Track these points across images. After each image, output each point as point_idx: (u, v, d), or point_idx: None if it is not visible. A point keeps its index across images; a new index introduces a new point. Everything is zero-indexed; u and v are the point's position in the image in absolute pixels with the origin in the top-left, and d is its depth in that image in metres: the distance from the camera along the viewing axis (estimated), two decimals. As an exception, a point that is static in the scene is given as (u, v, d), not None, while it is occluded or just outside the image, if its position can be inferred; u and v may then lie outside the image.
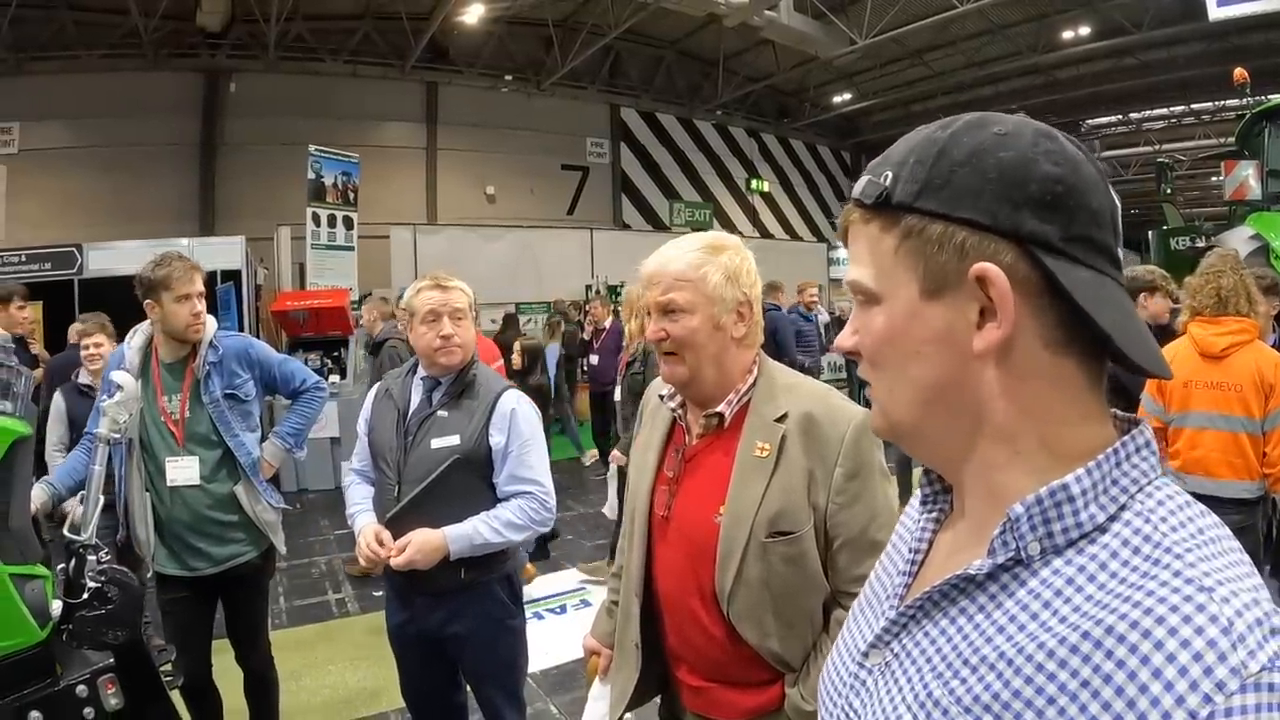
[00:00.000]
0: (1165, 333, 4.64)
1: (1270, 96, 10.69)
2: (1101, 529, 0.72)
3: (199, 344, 3.34)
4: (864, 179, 0.83)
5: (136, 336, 3.38)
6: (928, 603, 0.82)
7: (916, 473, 0.97)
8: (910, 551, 0.92)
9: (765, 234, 23.40)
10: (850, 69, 20.79)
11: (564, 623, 5.42)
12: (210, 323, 3.40)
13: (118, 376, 2.86)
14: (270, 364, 3.55)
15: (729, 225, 22.76)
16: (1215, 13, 11.75)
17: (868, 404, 0.98)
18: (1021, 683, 0.68)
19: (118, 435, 2.78)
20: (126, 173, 15.22)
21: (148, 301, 3.28)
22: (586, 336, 10.28)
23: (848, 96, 22.88)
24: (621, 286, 15.50)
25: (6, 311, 6.54)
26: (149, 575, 3.29)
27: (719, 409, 1.86)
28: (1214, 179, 23.08)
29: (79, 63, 15.10)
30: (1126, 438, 0.76)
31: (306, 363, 9.23)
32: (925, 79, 21.00)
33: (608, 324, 9.83)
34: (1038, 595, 0.72)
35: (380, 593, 5.29)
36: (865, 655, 0.89)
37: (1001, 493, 0.78)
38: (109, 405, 2.73)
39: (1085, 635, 0.66)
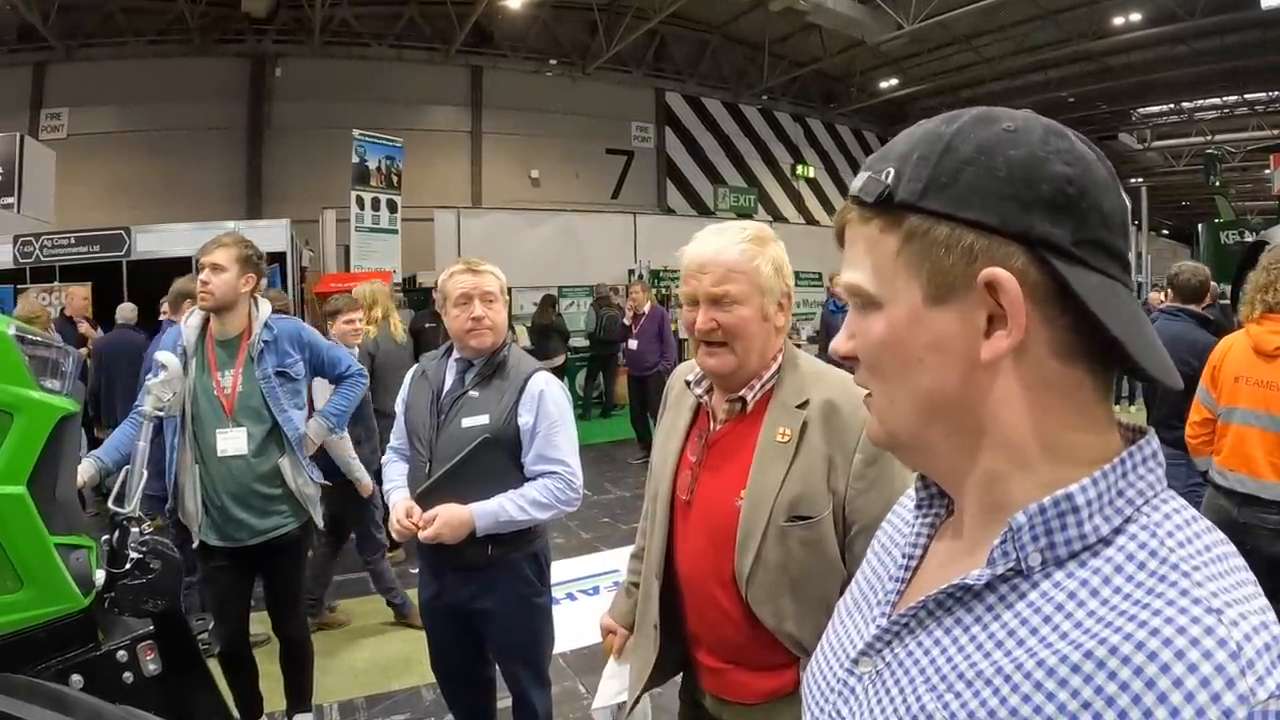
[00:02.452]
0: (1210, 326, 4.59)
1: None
2: (1105, 541, 0.70)
3: (253, 322, 3.48)
4: (863, 175, 0.79)
5: (194, 316, 3.52)
6: (922, 611, 0.79)
7: None
8: (904, 557, 0.90)
9: (810, 220, 23.18)
10: (897, 54, 20.47)
11: (596, 603, 5.47)
12: (265, 305, 3.57)
13: (162, 356, 2.96)
14: (319, 348, 3.72)
15: (774, 211, 22.63)
16: (1268, 1, 11.39)
17: None
18: (1019, 700, 0.66)
19: (161, 412, 2.88)
20: (173, 157, 15.52)
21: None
22: (627, 321, 10.29)
23: (894, 82, 22.56)
24: (664, 271, 15.57)
25: (28, 299, 6.78)
26: (194, 546, 3.40)
27: (741, 394, 1.89)
28: (1267, 171, 22.53)
29: (126, 49, 15.44)
30: (1134, 448, 0.74)
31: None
32: (973, 65, 20.62)
33: (647, 309, 9.85)
34: (1038, 609, 0.70)
35: (415, 570, 5.38)
36: (855, 662, 0.86)
37: (1003, 503, 0.75)
38: (153, 384, 2.83)
39: (1088, 654, 0.64)
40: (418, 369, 3.14)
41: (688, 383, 2.01)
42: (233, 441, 3.38)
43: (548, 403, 2.90)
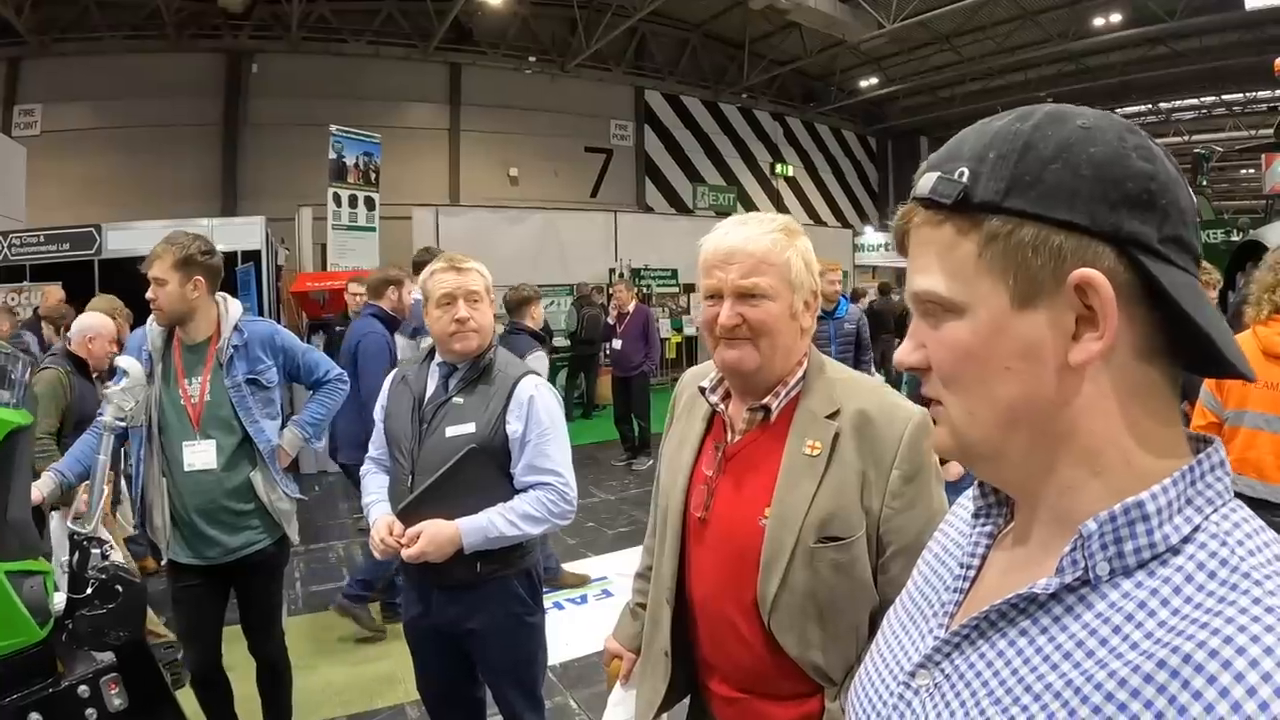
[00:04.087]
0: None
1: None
2: (1174, 550, 0.68)
3: (221, 325, 3.27)
4: (931, 176, 0.75)
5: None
6: (984, 622, 0.76)
7: None
8: (961, 567, 0.87)
9: (789, 219, 23.21)
10: (878, 53, 20.58)
11: (585, 613, 5.33)
12: (235, 306, 3.35)
13: (124, 362, 2.78)
14: (294, 352, 3.48)
15: (752, 209, 22.50)
16: (1252, 1, 11.43)
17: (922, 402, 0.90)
18: (1088, 713, 0.64)
19: (122, 422, 2.71)
20: (148, 154, 15.30)
21: None
22: (611, 320, 10.17)
23: (874, 81, 22.66)
24: (645, 270, 15.46)
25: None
26: (163, 562, 3.23)
27: (765, 402, 1.73)
28: (1243, 171, 22.75)
29: (101, 44, 15.23)
30: (1202, 455, 0.71)
31: (325, 344, 9.24)
32: (953, 65, 20.74)
33: (631, 308, 9.73)
34: (1106, 619, 0.67)
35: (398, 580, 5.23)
36: (912, 675, 0.83)
37: (1073, 510, 0.73)
38: (114, 391, 2.66)
39: (1161, 664, 0.61)
40: (397, 374, 2.98)
41: (702, 389, 1.85)
42: (200, 455, 3.18)
43: (538, 409, 2.74)
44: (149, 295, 3.18)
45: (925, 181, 0.76)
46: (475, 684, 2.98)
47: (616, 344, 9.72)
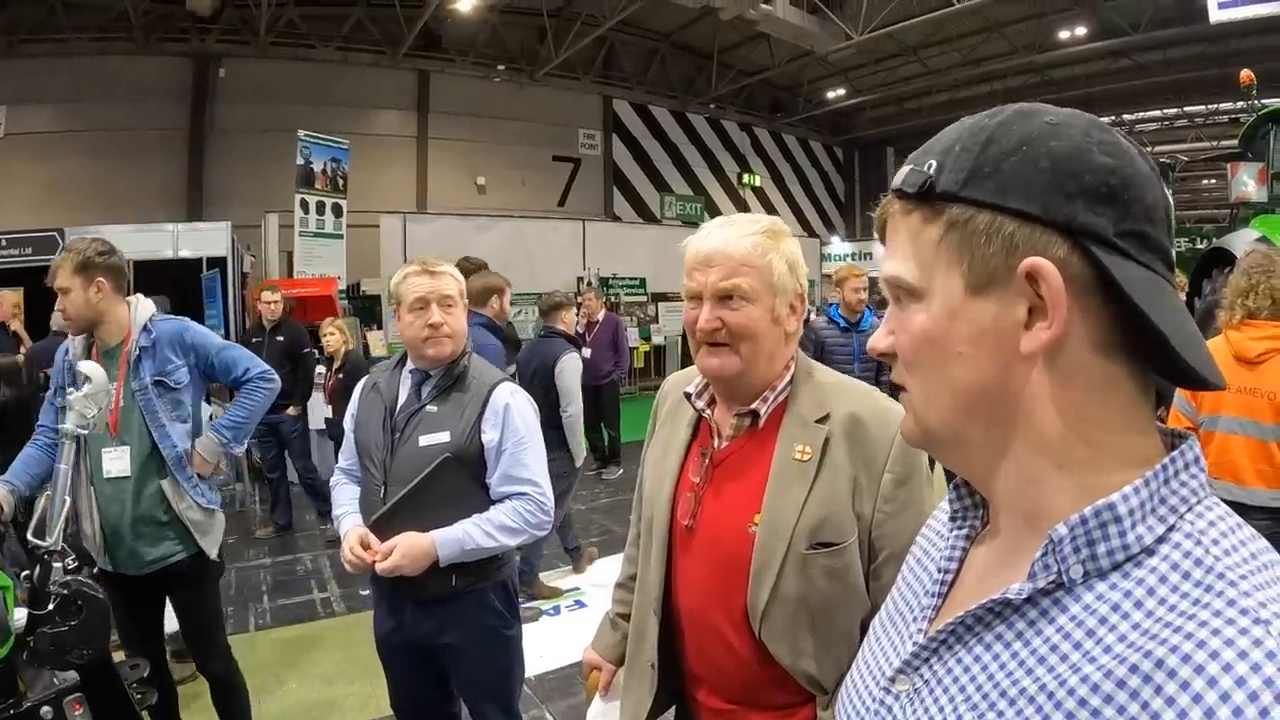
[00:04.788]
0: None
1: (1272, 100, 10.61)
2: (1149, 551, 0.68)
3: (131, 327, 3.16)
4: (906, 168, 0.79)
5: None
6: (960, 627, 0.77)
7: None
8: (939, 571, 0.88)
9: (757, 228, 23.30)
10: (845, 65, 20.72)
11: (558, 624, 5.26)
12: (146, 306, 3.23)
13: (85, 368, 2.69)
14: (207, 350, 3.30)
15: (720, 219, 22.70)
16: (1216, 15, 11.66)
17: None
18: (1062, 718, 0.64)
19: (85, 430, 2.62)
20: (113, 158, 15.04)
21: None
22: (580, 329, 10.11)
23: (842, 92, 22.83)
24: (613, 278, 15.42)
25: None
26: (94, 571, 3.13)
27: (753, 407, 1.69)
28: (1205, 182, 23.14)
29: (68, 46, 14.93)
30: (1175, 453, 0.71)
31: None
32: (920, 76, 20.97)
33: (600, 316, 9.69)
34: (1080, 623, 0.68)
35: (368, 591, 5.13)
36: (892, 680, 0.84)
37: (1041, 509, 0.74)
38: (76, 398, 2.57)
39: (1133, 669, 0.62)
40: (368, 381, 2.90)
41: (687, 394, 1.81)
42: (116, 462, 3.07)
43: (514, 417, 2.68)
44: (58, 307, 3.10)
45: (900, 173, 0.79)
46: (450, 699, 2.91)
47: (586, 352, 9.65)
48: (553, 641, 4.82)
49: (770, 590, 1.59)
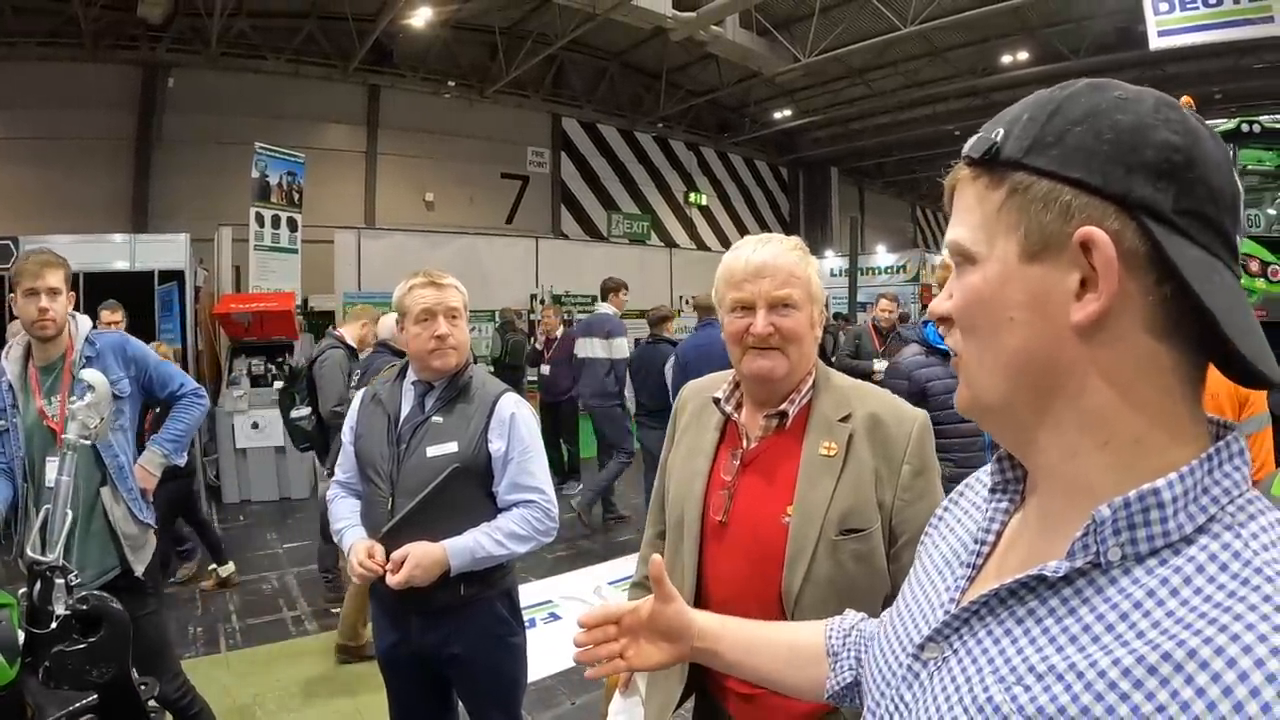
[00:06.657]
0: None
1: (1215, 120, 11.02)
2: (1188, 540, 0.68)
3: (73, 340, 3.19)
4: (976, 136, 0.80)
5: (15, 347, 3.22)
6: (993, 600, 0.78)
7: None
8: (976, 542, 0.89)
9: (702, 246, 23.40)
10: (791, 86, 20.95)
11: (534, 637, 5.12)
12: (84, 321, 3.27)
13: (89, 376, 2.65)
14: (146, 363, 3.39)
15: (666, 237, 22.83)
16: (1157, 42, 11.97)
17: None
18: (1091, 699, 0.65)
19: (87, 440, 2.57)
20: (59, 166, 14.55)
21: (10, 297, 3.16)
22: (539, 346, 10.10)
23: (788, 113, 23.05)
24: (566, 296, 15.40)
25: None
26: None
27: (782, 408, 1.85)
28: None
29: (14, 50, 14.37)
30: (1220, 444, 0.72)
31: (250, 368, 8.95)
32: (865, 98, 21.24)
33: (559, 334, 9.69)
34: (1115, 605, 0.68)
35: (339, 610, 5.06)
36: (921, 648, 0.85)
37: (1081, 485, 0.74)
38: (79, 408, 2.52)
39: (1165, 656, 0.62)
40: (368, 392, 2.89)
41: (715, 400, 1.95)
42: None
43: (520, 427, 2.70)
44: (42, 306, 3.08)
45: (970, 141, 0.80)
46: (450, 712, 2.90)
47: (545, 369, 9.65)
48: (531, 654, 4.78)
49: (804, 575, 1.73)
